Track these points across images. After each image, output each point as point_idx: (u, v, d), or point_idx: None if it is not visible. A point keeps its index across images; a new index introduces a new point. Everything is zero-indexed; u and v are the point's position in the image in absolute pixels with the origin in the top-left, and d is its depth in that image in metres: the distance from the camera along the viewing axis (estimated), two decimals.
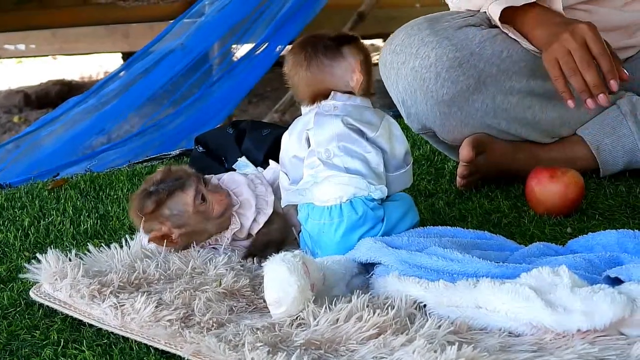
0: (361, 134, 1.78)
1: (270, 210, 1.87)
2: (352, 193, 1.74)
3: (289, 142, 1.82)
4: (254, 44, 4.06)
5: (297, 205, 1.81)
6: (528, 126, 2.30)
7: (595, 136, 2.32)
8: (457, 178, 2.28)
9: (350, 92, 1.81)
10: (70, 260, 1.72)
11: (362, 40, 1.87)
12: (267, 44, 4.00)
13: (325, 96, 1.80)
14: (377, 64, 2.39)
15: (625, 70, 2.08)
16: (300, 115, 1.84)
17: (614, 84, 2.04)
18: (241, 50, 4.13)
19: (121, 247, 1.80)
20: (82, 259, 1.76)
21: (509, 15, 2.24)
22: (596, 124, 2.32)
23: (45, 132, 3.57)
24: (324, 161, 1.76)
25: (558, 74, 2.07)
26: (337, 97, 1.80)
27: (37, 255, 1.74)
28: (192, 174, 1.83)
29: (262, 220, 1.86)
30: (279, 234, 1.87)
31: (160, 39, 3.82)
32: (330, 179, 1.74)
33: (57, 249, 1.76)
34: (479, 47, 2.23)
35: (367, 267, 1.67)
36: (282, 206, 1.86)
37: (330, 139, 1.76)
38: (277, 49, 3.98)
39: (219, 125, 3.49)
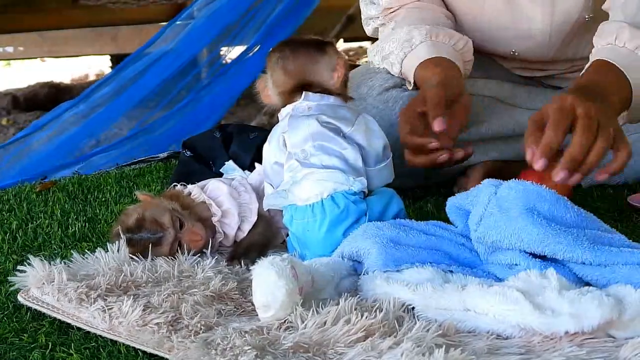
0: (337, 131, 1.78)
1: (254, 218, 1.87)
2: (332, 188, 1.73)
3: (269, 149, 1.83)
4: (245, 47, 4.05)
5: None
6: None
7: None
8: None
9: (324, 91, 1.82)
10: (56, 264, 1.72)
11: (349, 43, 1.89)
12: (258, 47, 4.00)
13: (300, 92, 1.81)
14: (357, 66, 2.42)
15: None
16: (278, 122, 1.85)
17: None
18: (232, 54, 4.12)
19: (106, 251, 1.80)
20: (68, 265, 1.75)
21: None
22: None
23: (36, 137, 3.56)
24: (301, 162, 1.76)
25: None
26: (310, 97, 1.81)
27: (24, 262, 1.73)
28: (167, 223, 1.81)
29: (247, 228, 1.87)
30: (261, 237, 1.88)
31: (151, 43, 3.81)
32: (308, 176, 1.74)
33: (45, 252, 1.75)
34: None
35: (357, 268, 1.68)
36: (264, 209, 1.86)
37: (306, 139, 1.77)
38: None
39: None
